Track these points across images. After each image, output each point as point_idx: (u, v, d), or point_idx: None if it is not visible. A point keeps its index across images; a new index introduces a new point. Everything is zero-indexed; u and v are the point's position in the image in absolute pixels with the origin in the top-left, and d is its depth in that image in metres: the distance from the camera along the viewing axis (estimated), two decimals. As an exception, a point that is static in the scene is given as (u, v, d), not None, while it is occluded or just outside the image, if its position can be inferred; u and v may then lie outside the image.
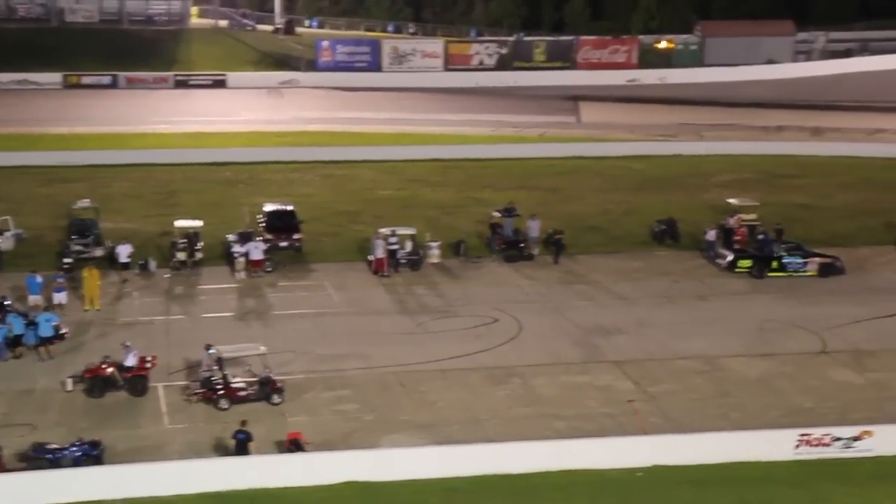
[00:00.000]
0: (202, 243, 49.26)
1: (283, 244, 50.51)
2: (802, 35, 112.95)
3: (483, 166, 71.14)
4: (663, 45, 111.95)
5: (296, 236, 50.97)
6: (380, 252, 48.50)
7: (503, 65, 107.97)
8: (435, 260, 50.34)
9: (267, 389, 35.58)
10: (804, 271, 49.12)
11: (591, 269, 50.23)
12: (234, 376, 35.77)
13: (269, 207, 52.79)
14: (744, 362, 39.44)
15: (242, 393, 35.43)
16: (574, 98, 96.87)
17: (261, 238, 49.68)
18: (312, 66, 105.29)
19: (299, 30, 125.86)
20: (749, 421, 34.78)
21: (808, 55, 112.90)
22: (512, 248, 51.36)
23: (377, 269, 48.45)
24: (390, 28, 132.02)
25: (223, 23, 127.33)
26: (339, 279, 48.05)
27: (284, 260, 49.83)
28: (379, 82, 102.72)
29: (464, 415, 35.22)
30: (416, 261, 49.44)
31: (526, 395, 36.71)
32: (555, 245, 51.21)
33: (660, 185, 66.74)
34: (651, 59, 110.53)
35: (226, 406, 35.07)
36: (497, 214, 53.12)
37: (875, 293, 47.10)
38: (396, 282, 47.91)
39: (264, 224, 51.46)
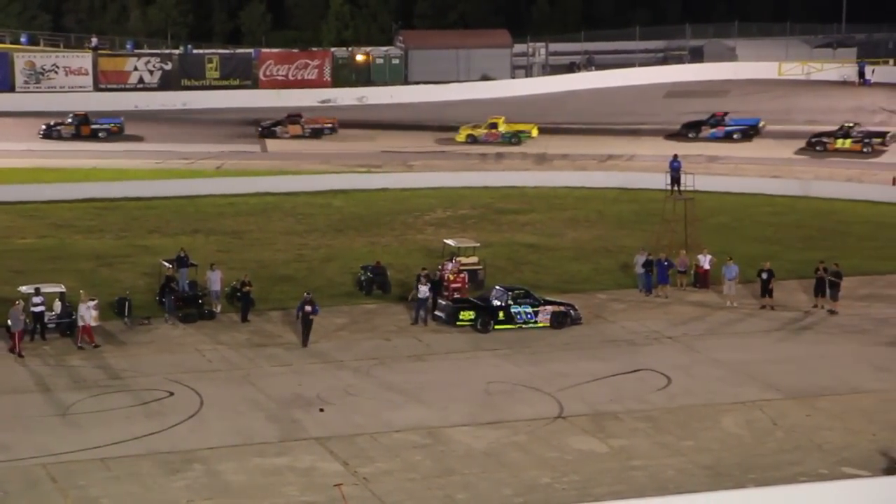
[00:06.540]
0: None
1: None
2: (520, 47, 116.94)
3: (147, 207, 70.44)
4: (360, 58, 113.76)
5: None
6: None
7: (168, 83, 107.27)
8: (93, 323, 49.35)
9: None
10: (535, 323, 50.68)
11: (285, 327, 50.25)
12: None
13: None
14: (469, 433, 40.13)
15: None
16: (257, 123, 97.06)
17: None
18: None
19: None
20: (478, 502, 35.39)
21: (527, 70, 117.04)
22: (189, 306, 51.00)
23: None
24: (24, 39, 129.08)
25: None
26: (-35, 351, 46.64)
27: None
28: (12, 105, 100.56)
29: (134, 513, 34.55)
30: (67, 325, 48.36)
31: (210, 484, 36.24)
32: (241, 300, 51.07)
33: (364, 224, 67.64)
34: (346, 75, 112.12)
35: None
36: (168, 265, 52.60)
37: (615, 346, 48.94)
38: (44, 352, 46.70)
39: None
